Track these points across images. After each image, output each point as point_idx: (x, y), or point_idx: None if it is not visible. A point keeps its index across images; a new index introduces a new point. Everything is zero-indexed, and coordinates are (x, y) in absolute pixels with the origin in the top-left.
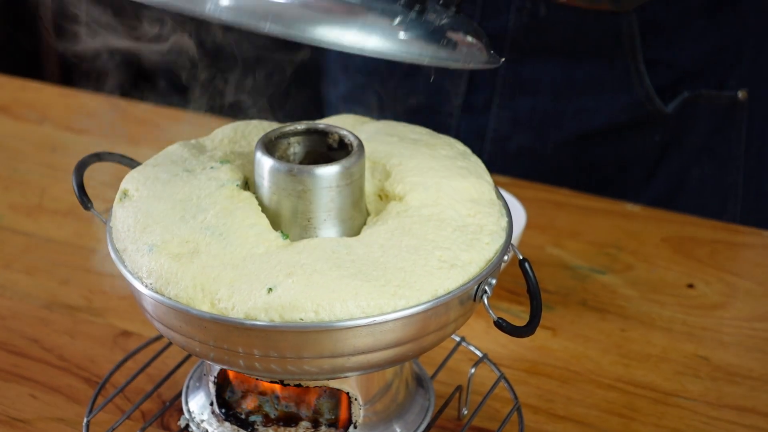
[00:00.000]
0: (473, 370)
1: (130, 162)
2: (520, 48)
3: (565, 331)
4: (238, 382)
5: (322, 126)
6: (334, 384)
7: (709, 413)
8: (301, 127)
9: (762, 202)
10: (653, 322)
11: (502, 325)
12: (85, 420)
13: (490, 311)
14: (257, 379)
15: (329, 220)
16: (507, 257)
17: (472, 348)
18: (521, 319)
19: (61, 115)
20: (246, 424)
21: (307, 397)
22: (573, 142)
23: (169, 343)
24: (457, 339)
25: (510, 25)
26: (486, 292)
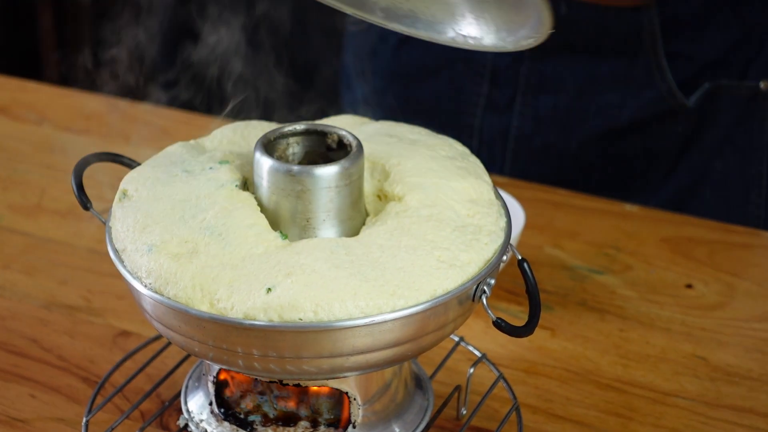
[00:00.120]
0: (472, 370)
1: (130, 162)
2: (541, 46)
3: (563, 332)
4: (237, 382)
5: (321, 126)
6: (333, 384)
7: (708, 413)
8: (300, 127)
9: None
10: (652, 322)
11: (501, 325)
12: (84, 420)
13: (489, 311)
14: (256, 378)
15: (328, 221)
16: (506, 257)
17: (471, 348)
18: (520, 319)
19: (61, 116)
20: (245, 424)
21: (306, 397)
22: (596, 139)
23: (168, 343)
24: (456, 339)
25: None
26: (485, 292)
